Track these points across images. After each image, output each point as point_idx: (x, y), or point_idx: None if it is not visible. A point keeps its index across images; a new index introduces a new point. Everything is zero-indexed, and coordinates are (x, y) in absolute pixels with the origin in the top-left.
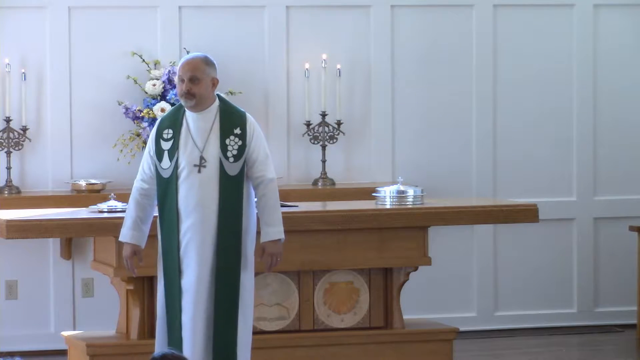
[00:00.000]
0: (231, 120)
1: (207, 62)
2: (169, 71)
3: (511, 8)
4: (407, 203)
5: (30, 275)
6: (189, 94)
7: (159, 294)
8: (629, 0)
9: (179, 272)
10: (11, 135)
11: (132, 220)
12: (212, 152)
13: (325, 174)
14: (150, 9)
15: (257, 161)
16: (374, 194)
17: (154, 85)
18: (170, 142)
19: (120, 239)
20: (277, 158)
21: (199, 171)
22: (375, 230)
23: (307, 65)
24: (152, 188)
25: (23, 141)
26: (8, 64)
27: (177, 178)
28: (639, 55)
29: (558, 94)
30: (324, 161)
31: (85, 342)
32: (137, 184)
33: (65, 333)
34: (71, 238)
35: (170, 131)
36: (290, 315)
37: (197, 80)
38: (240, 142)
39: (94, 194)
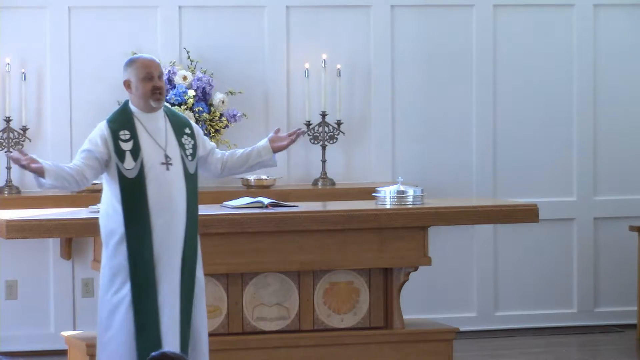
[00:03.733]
0: (179, 121)
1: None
2: (169, 71)
3: (511, 8)
4: (407, 203)
5: (30, 275)
6: (161, 92)
7: (112, 306)
8: (629, 0)
9: (153, 268)
10: (11, 135)
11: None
12: (174, 151)
13: (325, 174)
14: (150, 9)
15: (211, 148)
16: (374, 194)
17: None
18: (131, 143)
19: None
20: (277, 158)
21: (167, 169)
22: (375, 230)
23: (307, 65)
24: (86, 178)
25: (23, 141)
26: (8, 64)
27: (144, 177)
28: (639, 55)
29: (558, 94)
30: (324, 161)
31: (85, 342)
32: (76, 166)
33: (65, 333)
34: (71, 238)
35: (127, 132)
36: (290, 315)
37: (162, 79)
38: (193, 142)
39: (94, 194)
